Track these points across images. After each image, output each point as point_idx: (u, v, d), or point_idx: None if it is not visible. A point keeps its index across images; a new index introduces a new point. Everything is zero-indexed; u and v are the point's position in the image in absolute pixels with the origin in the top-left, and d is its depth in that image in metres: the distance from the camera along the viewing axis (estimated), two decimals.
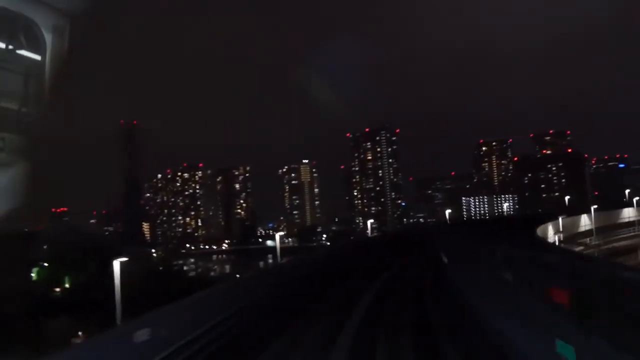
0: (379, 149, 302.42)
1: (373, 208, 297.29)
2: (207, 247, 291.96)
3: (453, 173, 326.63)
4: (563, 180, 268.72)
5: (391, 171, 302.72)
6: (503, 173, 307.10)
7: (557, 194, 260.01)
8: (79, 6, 6.04)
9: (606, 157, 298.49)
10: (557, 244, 59.00)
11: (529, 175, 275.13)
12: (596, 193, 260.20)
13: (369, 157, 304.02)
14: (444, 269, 37.17)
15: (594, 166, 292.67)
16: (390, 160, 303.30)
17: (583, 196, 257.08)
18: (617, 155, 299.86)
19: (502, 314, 18.17)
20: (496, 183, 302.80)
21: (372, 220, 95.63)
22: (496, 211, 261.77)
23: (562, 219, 66.33)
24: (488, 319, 19.76)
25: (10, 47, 5.65)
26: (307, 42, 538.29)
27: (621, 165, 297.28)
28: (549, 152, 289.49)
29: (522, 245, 33.56)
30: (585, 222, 76.96)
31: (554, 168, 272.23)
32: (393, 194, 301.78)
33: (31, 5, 5.61)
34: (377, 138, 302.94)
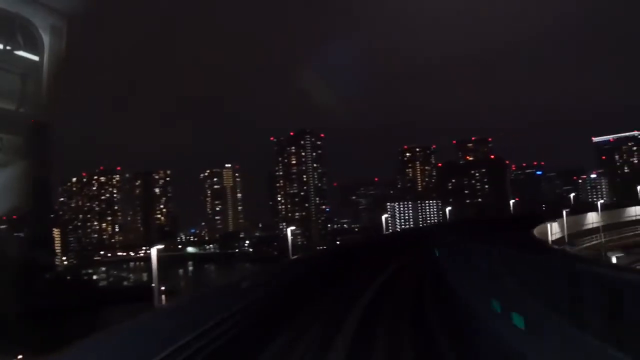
0: (303, 153, 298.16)
1: (297, 213, 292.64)
2: (124, 254, 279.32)
3: (377, 179, 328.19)
4: (486, 186, 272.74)
5: (316, 176, 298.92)
6: (427, 179, 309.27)
7: (479, 199, 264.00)
8: (77, 6, 5.95)
9: (524, 165, 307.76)
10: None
11: (453, 180, 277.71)
12: (517, 199, 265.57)
13: (293, 162, 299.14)
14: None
15: (513, 173, 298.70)
16: (315, 165, 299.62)
17: (504, 201, 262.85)
18: (535, 163, 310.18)
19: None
20: (420, 189, 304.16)
21: (293, 227, 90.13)
22: (424, 216, 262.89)
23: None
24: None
25: (8, 47, 5.63)
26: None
27: (538, 173, 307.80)
28: (471, 158, 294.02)
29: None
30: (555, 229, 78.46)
31: (477, 174, 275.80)
32: (317, 199, 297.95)
33: (29, 5, 5.61)
34: (302, 142, 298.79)
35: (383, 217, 70.71)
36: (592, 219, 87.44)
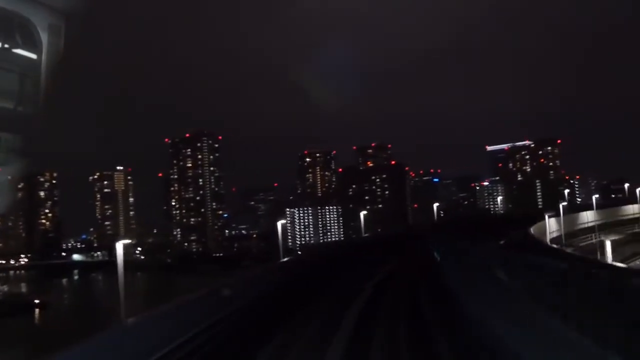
0: (199, 156, 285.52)
1: (192, 219, 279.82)
2: (2, 262, 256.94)
3: (277, 184, 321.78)
4: (386, 192, 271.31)
5: (213, 180, 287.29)
6: (327, 184, 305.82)
7: (380, 205, 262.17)
8: (76, 5, 6.09)
9: (421, 172, 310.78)
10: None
11: (353, 186, 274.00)
12: (415, 205, 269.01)
13: (189, 165, 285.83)
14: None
15: (412, 180, 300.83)
16: (212, 169, 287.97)
17: (403, 207, 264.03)
18: (432, 170, 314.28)
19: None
20: (320, 194, 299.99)
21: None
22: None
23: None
24: None
25: (6, 45, 5.74)
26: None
27: (435, 180, 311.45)
28: (371, 164, 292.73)
29: None
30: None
31: (377, 180, 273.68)
32: (214, 204, 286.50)
33: (27, 4, 5.72)
34: (198, 144, 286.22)
35: (279, 223, 62.42)
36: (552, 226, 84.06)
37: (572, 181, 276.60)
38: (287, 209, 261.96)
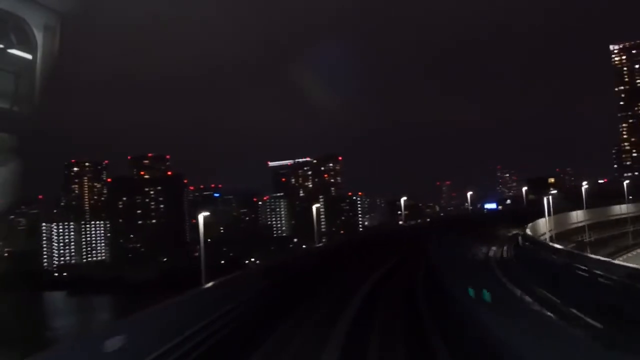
0: None
1: None
2: None
3: (41, 196, 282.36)
4: (161, 206, 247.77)
5: None
6: (96, 197, 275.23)
7: (154, 220, 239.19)
8: (72, 5, 6.03)
9: (202, 186, 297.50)
10: None
11: (125, 199, 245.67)
12: (193, 221, 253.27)
13: None
14: None
15: (191, 194, 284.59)
16: None
17: (182, 222, 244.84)
18: (213, 185, 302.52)
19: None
20: (87, 207, 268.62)
21: None
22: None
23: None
24: None
25: (1, 46, 5.58)
26: None
27: (216, 195, 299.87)
28: (147, 176, 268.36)
29: None
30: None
31: (152, 192, 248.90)
32: None
33: (22, 3, 5.65)
34: None
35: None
36: None
37: (354, 197, 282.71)
38: (44, 224, 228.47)
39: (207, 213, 52.61)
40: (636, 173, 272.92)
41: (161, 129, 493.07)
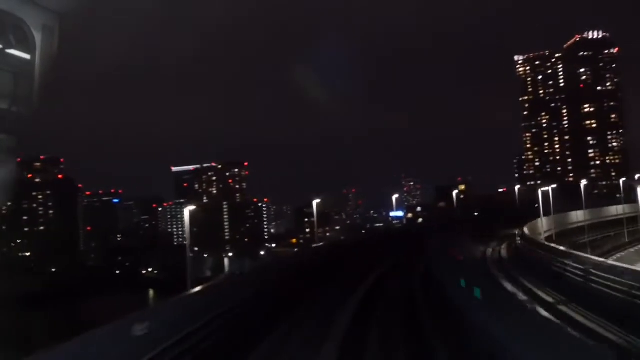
0: None
1: None
2: None
3: None
4: (50, 211, 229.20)
5: None
6: None
7: (42, 227, 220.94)
8: (71, 5, 6.08)
9: (101, 192, 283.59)
10: None
11: (9, 204, 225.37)
12: (89, 228, 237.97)
13: None
14: None
15: (88, 200, 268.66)
16: None
17: (75, 229, 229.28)
18: (112, 191, 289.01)
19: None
20: None
21: None
22: None
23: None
24: None
25: (0, 46, 6.35)
26: None
27: (115, 201, 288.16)
28: (37, 180, 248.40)
29: None
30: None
31: (40, 197, 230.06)
32: None
33: (21, 3, 5.70)
34: None
35: None
36: None
37: (260, 204, 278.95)
38: None
39: (193, 207, 51.39)
40: (539, 182, 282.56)
41: (62, 130, 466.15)
